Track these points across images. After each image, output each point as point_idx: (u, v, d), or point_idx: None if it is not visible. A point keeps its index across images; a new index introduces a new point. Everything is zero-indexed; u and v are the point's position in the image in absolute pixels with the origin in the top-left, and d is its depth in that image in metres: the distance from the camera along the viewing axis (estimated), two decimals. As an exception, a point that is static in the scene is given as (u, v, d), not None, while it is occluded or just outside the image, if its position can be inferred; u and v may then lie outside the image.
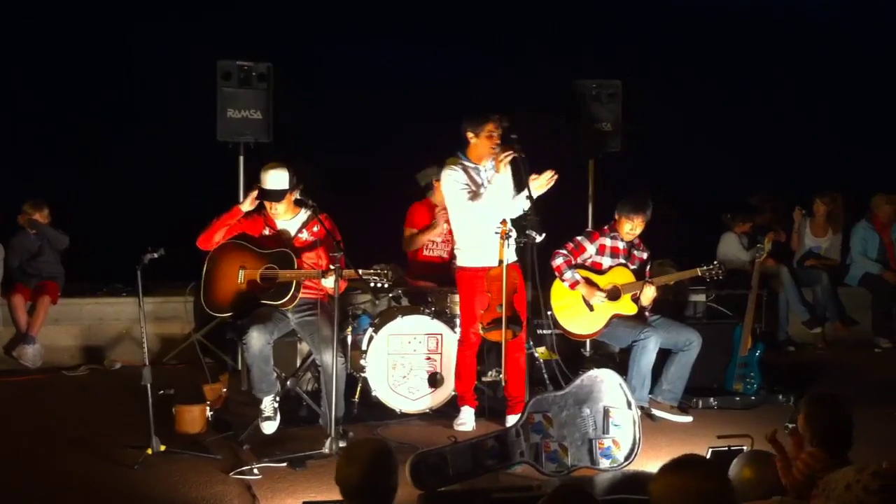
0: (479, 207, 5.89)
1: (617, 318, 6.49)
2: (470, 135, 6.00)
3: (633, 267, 6.61)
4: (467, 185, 5.95)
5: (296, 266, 5.79)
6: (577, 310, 6.50)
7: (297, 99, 9.30)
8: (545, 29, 10.01)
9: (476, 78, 9.42)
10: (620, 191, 6.69)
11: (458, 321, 6.42)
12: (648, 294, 6.44)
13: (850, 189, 9.39)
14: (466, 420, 6.08)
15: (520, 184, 5.91)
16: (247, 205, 5.94)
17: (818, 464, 3.82)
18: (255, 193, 5.93)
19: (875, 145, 10.45)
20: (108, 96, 9.37)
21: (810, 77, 10.74)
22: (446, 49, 9.81)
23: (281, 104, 7.41)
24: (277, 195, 5.86)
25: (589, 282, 6.49)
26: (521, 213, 5.98)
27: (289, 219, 6.03)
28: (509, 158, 5.80)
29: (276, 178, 5.84)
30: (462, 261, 6.11)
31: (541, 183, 5.83)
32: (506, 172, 5.90)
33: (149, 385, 5.26)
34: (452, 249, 7.45)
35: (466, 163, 6.03)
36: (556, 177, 5.84)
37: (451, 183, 6.00)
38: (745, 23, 10.77)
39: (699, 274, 6.58)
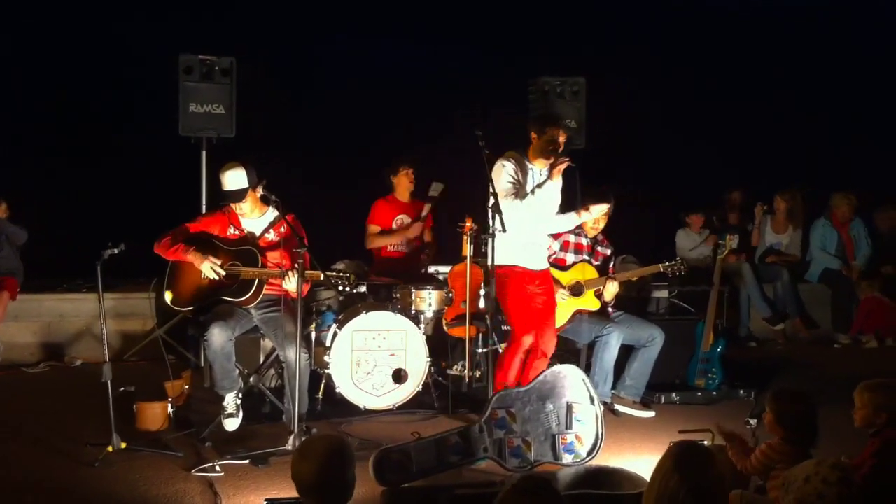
0: (519, 207, 5.72)
1: (580, 314, 6.52)
2: (533, 134, 5.92)
3: (596, 263, 6.64)
4: (516, 180, 5.83)
5: (260, 264, 5.75)
6: (541, 306, 6.50)
7: (291, 97, 9.28)
8: (545, 28, 9.99)
9: (475, 77, 9.39)
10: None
11: (422, 318, 6.44)
12: (611, 290, 6.49)
13: (810, 186, 9.48)
14: None
15: (570, 200, 5.94)
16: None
17: (778, 456, 3.90)
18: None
19: (849, 144, 10.50)
20: (85, 94, 9.24)
21: (791, 72, 10.76)
22: (446, 49, 9.76)
23: (276, 101, 7.35)
24: (238, 195, 5.79)
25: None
26: (567, 230, 6.19)
27: (256, 217, 5.97)
28: (564, 166, 5.78)
29: (233, 179, 5.76)
30: (503, 258, 5.71)
31: (599, 210, 6.08)
32: (558, 181, 5.88)
33: (109, 382, 5.19)
34: (418, 247, 7.46)
35: (524, 160, 5.93)
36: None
37: (501, 172, 5.83)
38: (720, 15, 10.76)
39: (661, 270, 6.62)
